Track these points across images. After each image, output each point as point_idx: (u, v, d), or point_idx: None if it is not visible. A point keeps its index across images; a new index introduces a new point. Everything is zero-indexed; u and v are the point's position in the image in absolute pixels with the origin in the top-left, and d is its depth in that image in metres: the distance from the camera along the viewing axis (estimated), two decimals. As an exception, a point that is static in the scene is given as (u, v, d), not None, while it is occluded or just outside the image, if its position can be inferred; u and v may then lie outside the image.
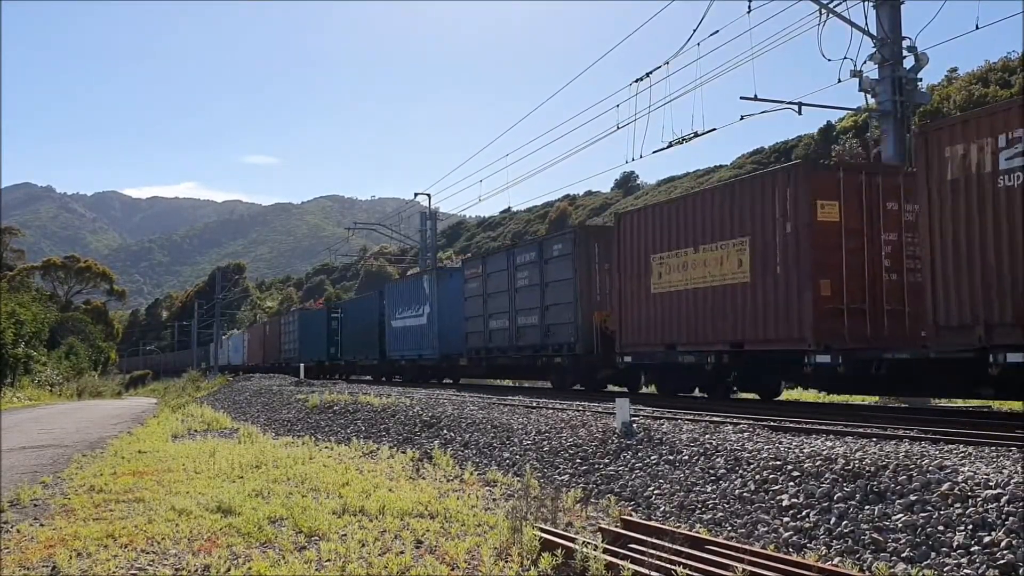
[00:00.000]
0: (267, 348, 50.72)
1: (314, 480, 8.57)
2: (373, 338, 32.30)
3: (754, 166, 58.50)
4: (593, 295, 17.59)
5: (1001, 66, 38.21)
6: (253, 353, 56.39)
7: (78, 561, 5.58)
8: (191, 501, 7.44)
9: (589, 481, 8.22)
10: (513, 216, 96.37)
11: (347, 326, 36.76)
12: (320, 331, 39.41)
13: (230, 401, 24.69)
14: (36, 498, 8.23)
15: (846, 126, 49.14)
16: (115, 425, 19.00)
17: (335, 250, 59.87)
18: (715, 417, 10.33)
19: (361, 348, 34.10)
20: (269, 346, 50.17)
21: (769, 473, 6.89)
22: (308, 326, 41.48)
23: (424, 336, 26.32)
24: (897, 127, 16.03)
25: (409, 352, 27.91)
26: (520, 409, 12.73)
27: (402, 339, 28.47)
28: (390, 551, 5.69)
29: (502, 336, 20.91)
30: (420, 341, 26.62)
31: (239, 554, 5.69)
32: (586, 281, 17.65)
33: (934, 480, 5.75)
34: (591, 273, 17.69)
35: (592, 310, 17.51)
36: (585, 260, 17.75)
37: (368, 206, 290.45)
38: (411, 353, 27.71)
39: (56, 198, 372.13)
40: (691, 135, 17.69)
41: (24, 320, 41.11)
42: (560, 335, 18.35)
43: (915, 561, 5.06)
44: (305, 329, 41.62)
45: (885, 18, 16.02)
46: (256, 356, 54.72)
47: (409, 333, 27.73)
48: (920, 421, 9.74)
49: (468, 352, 23.08)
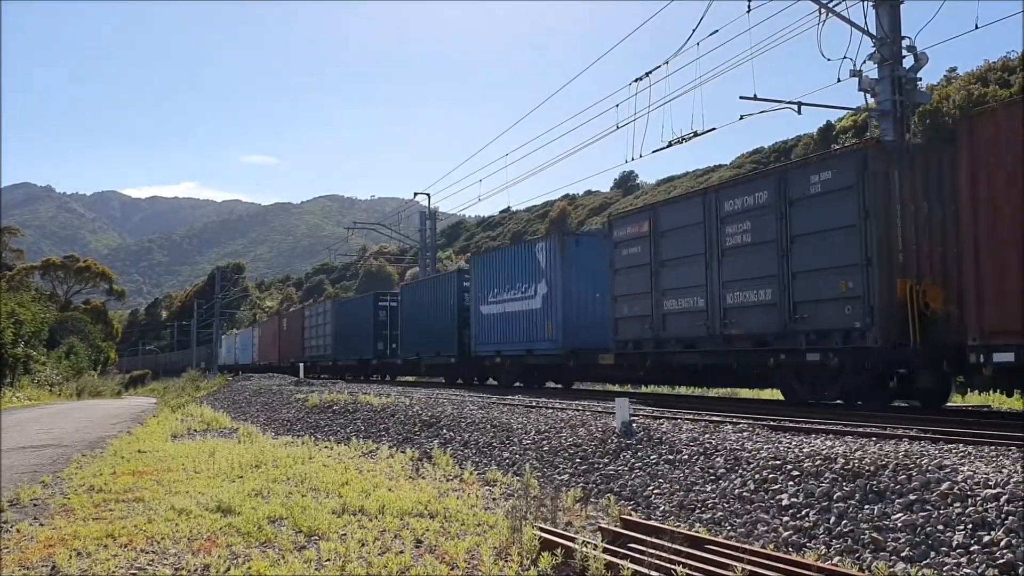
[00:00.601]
0: (284, 345, 46.09)
1: (314, 480, 8.57)
2: (448, 329, 25.13)
3: (753, 166, 58.52)
4: (895, 253, 11.07)
5: (1001, 66, 38.17)
6: (265, 351, 52.02)
7: (78, 561, 5.58)
8: (191, 501, 7.43)
9: (589, 481, 8.22)
10: (513, 216, 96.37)
11: (407, 316, 29.30)
12: (365, 323, 32.84)
13: (230, 401, 24.69)
14: (36, 498, 8.23)
15: (846, 126, 49.15)
16: (114, 425, 19.00)
17: (335, 250, 59.84)
18: (715, 417, 10.33)
19: (429, 342, 26.84)
20: (287, 343, 45.40)
21: (769, 472, 6.89)
22: (347, 317, 35.12)
23: (535, 324, 19.93)
24: (897, 127, 16.03)
25: (510, 346, 21.26)
26: (520, 409, 12.73)
27: (498, 329, 21.75)
28: (390, 551, 5.69)
29: (688, 322, 14.23)
30: (529, 331, 20.15)
31: (239, 554, 5.69)
32: (884, 230, 11.07)
33: (934, 479, 5.75)
34: (890, 217, 11.12)
35: (894, 276, 11.00)
36: (882, 196, 11.12)
37: (368, 206, 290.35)
38: (513, 348, 21.16)
39: (55, 198, 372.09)
40: (691, 135, 17.68)
41: (24, 320, 41.10)
42: (825, 317, 11.79)
43: (915, 560, 5.06)
44: (343, 321, 35.46)
45: (885, 18, 16.02)
46: (268, 354, 50.40)
47: (510, 321, 21.15)
48: (920, 421, 9.74)
49: (617, 346, 16.17)
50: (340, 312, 36.33)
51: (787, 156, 54.16)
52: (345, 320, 35.27)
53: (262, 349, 53.04)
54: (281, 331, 47.23)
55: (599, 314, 17.91)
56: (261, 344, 53.78)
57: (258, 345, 55.00)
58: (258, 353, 54.46)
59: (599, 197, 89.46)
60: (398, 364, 30.73)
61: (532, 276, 20.13)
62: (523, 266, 20.64)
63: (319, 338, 38.71)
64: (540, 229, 78.97)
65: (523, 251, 21.19)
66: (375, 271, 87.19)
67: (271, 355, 49.09)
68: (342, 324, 35.49)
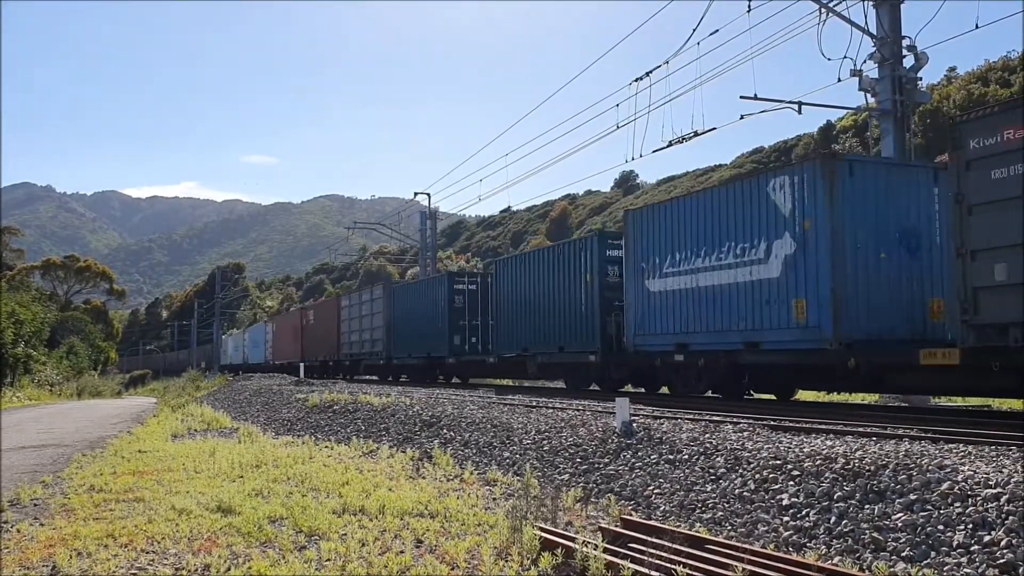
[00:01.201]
0: (309, 342, 39.74)
1: (314, 479, 8.57)
2: (583, 315, 18.28)
3: (754, 165, 58.51)
4: None
5: (1001, 65, 38.23)
6: (283, 349, 45.82)
7: (78, 561, 5.58)
8: (191, 501, 7.43)
9: (589, 480, 8.22)
10: (513, 215, 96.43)
11: (503, 300, 22.08)
12: (434, 311, 26.04)
13: (230, 401, 24.70)
14: (36, 498, 8.23)
15: (846, 125, 49.20)
16: (115, 425, 19.00)
17: (335, 250, 59.90)
18: (715, 416, 10.34)
19: (545, 334, 19.74)
20: (314, 339, 39.00)
21: (769, 472, 6.89)
22: (408, 303, 28.52)
23: (768, 303, 13.05)
24: (897, 126, 16.04)
25: (707, 338, 14.37)
26: (520, 409, 12.73)
27: (680, 312, 15.01)
28: (390, 550, 5.69)
29: None
30: (752, 313, 13.40)
31: (239, 554, 5.69)
32: None
33: (934, 479, 5.75)
34: None
35: None
36: None
37: (368, 206, 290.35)
38: (714, 340, 14.21)
39: (56, 197, 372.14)
40: (691, 134, 17.70)
41: (24, 320, 41.10)
42: None
43: (915, 560, 5.06)
44: (402, 308, 28.86)
45: (885, 17, 16.03)
46: (287, 352, 43.91)
47: (707, 300, 14.27)
48: (920, 420, 9.74)
49: (972, 334, 9.49)
50: (398, 298, 29.51)
51: (787, 156, 54.13)
52: (407, 307, 28.49)
53: (278, 346, 47.84)
54: (305, 325, 41.24)
55: (893, 286, 12.13)
56: (277, 340, 48.34)
57: (272, 342, 49.93)
58: (272, 351, 49.09)
59: (599, 197, 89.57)
60: (489, 363, 23.40)
61: (762, 229, 13.24)
62: (741, 215, 13.70)
63: (364, 331, 31.88)
64: (540, 229, 79.07)
65: (742, 192, 13.80)
66: (375, 271, 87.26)
67: (290, 353, 43.14)
68: (401, 313, 28.81)
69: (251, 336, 59.12)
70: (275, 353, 48.23)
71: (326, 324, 36.99)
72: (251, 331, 61.03)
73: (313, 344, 38.98)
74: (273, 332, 50.39)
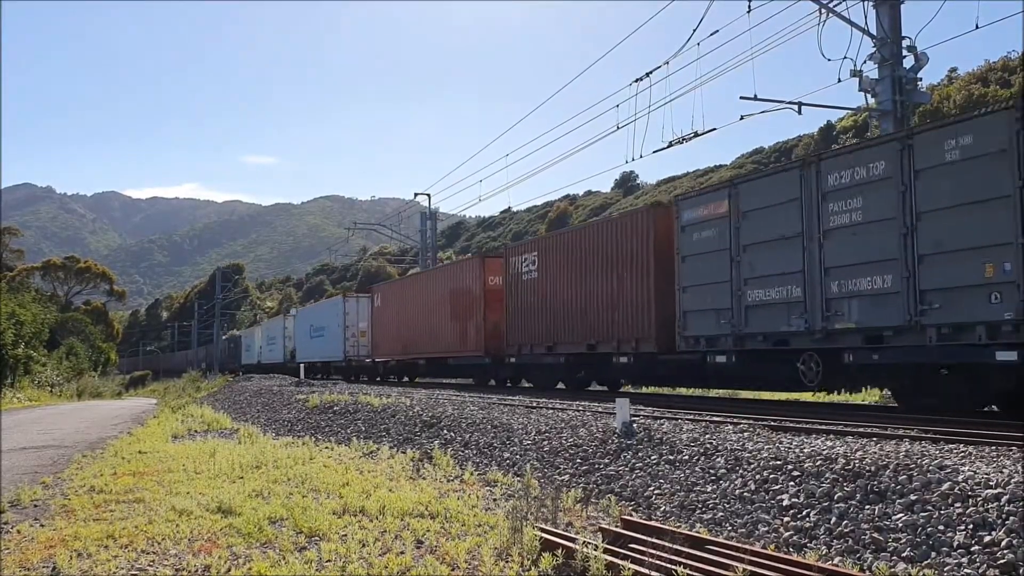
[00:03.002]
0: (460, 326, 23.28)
1: (314, 480, 8.57)
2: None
3: (754, 166, 58.52)
4: None
5: (1001, 66, 38.20)
6: (386, 339, 29.87)
7: (78, 561, 5.58)
8: (191, 501, 7.44)
9: (589, 481, 8.22)
10: (513, 216, 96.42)
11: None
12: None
13: (230, 401, 24.70)
14: (36, 499, 8.23)
15: (846, 126, 49.22)
16: (115, 426, 19.00)
17: (335, 250, 59.91)
18: (715, 417, 10.33)
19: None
20: (469, 317, 22.74)
21: (769, 473, 6.89)
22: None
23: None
24: (897, 127, 16.03)
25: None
26: (520, 409, 12.73)
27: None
28: (390, 551, 5.69)
29: None
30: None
31: (239, 554, 5.69)
32: None
33: (934, 480, 5.75)
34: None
35: None
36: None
37: (368, 206, 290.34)
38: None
39: (56, 198, 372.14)
40: (691, 135, 17.70)
41: (24, 320, 41.12)
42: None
43: (915, 561, 5.06)
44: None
45: (885, 18, 16.03)
46: (398, 343, 28.56)
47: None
48: (920, 421, 9.73)
49: None
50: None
51: (788, 156, 54.15)
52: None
53: (384, 333, 30.37)
54: (441, 299, 24.65)
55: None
56: (382, 323, 30.58)
57: (376, 325, 31.29)
58: (369, 340, 32.09)
59: (600, 197, 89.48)
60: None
61: None
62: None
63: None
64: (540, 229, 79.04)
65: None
66: (375, 271, 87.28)
67: (403, 344, 28.31)
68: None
69: (299, 324, 40.93)
70: (378, 346, 31.06)
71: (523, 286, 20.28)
72: (301, 316, 42.17)
73: (476, 331, 22.32)
74: (375, 308, 31.68)
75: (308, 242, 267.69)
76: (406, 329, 28.33)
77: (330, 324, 35.27)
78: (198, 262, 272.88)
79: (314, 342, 37.90)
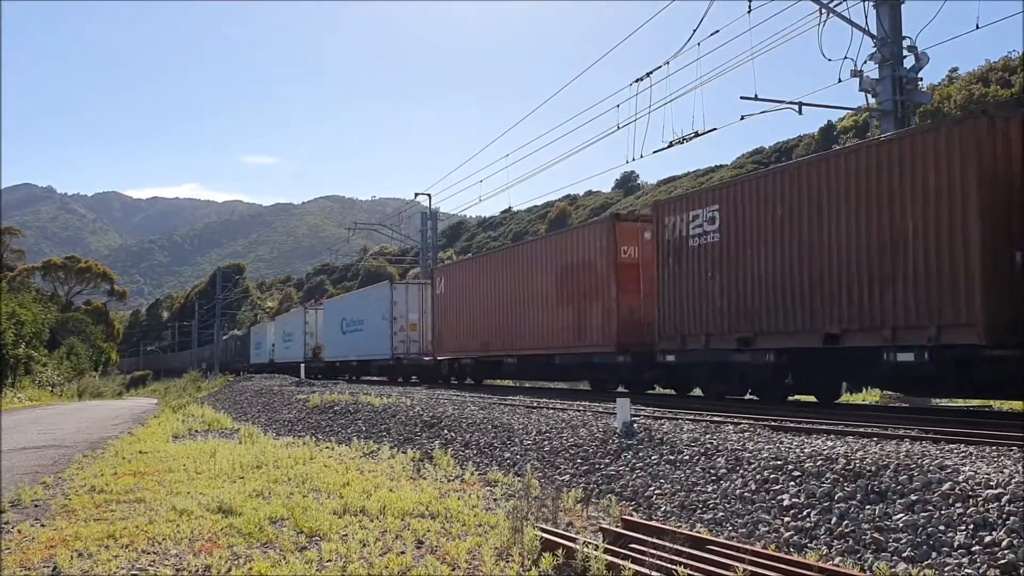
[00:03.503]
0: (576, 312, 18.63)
1: (315, 480, 8.57)
2: None
3: (755, 165, 58.51)
4: None
5: (1001, 66, 38.19)
6: (454, 332, 24.93)
7: (79, 561, 5.58)
8: (192, 501, 7.44)
9: (590, 481, 8.22)
10: (514, 216, 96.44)
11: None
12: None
13: (231, 401, 24.70)
14: (37, 498, 8.23)
15: (846, 126, 49.24)
16: (116, 426, 19.01)
17: (335, 250, 59.98)
18: (716, 417, 10.33)
19: None
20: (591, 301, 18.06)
21: (770, 473, 6.89)
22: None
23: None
24: (897, 127, 16.03)
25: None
26: (521, 409, 12.73)
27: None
28: (391, 551, 5.69)
29: None
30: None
31: (240, 554, 5.69)
32: None
33: (935, 480, 5.75)
34: None
35: None
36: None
37: (368, 206, 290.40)
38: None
39: (56, 198, 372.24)
40: (691, 135, 17.70)
41: (24, 321, 41.14)
42: None
43: (916, 561, 5.05)
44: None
45: (885, 18, 16.03)
46: (472, 337, 23.75)
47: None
48: (921, 421, 9.74)
49: None
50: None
51: (788, 156, 54.17)
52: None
53: (446, 324, 25.56)
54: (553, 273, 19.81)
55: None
56: (445, 311, 25.68)
57: (440, 311, 25.97)
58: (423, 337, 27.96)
59: (600, 197, 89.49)
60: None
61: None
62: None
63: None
64: (541, 229, 79.02)
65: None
66: (375, 271, 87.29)
67: (467, 336, 24.23)
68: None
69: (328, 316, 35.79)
70: (443, 339, 25.93)
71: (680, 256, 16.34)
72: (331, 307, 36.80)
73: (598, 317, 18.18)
74: (442, 292, 26.32)
75: (308, 242, 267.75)
76: (485, 319, 23.01)
77: (371, 316, 29.89)
78: (198, 262, 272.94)
79: (348, 338, 32.69)
